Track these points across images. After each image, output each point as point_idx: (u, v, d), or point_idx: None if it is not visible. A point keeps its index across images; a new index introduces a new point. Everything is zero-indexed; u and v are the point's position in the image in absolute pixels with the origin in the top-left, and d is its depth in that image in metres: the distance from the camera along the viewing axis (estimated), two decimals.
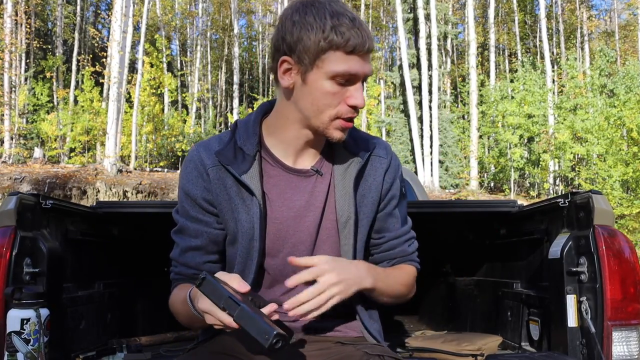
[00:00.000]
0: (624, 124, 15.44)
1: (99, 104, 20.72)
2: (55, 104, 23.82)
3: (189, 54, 30.94)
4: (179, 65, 30.26)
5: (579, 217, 1.64)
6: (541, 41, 25.20)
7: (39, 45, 24.74)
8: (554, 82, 23.43)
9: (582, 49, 28.79)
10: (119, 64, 16.34)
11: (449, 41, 26.41)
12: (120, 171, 16.33)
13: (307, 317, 1.14)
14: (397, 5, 20.95)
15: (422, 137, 20.09)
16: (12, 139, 19.63)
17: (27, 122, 22.18)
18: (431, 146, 19.87)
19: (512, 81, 22.31)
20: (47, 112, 21.89)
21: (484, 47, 29.10)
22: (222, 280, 1.10)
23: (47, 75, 23.61)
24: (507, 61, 31.32)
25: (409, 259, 1.40)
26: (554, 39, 28.86)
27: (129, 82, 19.27)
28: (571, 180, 20.26)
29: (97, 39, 26.25)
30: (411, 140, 20.40)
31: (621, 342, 1.50)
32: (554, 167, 20.43)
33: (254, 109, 1.58)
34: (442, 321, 2.65)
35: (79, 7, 27.50)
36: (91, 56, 26.00)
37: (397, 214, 1.38)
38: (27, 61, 24.20)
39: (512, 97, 20.59)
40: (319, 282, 1.14)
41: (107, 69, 18.07)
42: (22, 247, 1.51)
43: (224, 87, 31.09)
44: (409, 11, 21.55)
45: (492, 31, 25.01)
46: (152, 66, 21.16)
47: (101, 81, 20.82)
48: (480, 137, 22.08)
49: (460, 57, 30.72)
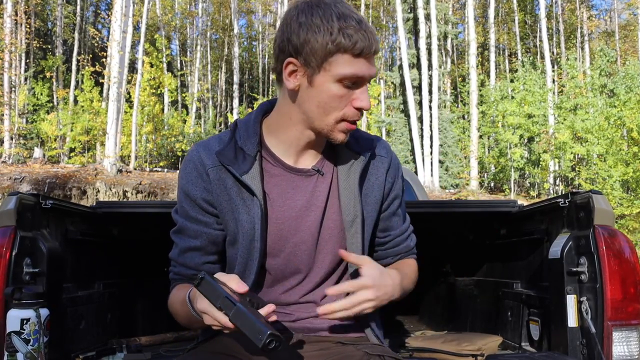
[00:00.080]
0: (624, 124, 15.43)
1: (99, 104, 20.71)
2: (55, 104, 23.82)
3: (189, 53, 30.94)
4: (179, 65, 30.26)
5: (579, 217, 1.64)
6: (541, 41, 25.21)
7: (38, 45, 24.73)
8: (554, 82, 23.43)
9: (582, 49, 28.79)
10: (118, 64, 16.34)
11: (449, 41, 26.41)
12: (120, 171, 16.33)
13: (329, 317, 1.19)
14: (397, 5, 20.95)
15: (422, 137, 20.10)
16: (12, 139, 19.62)
17: (27, 122, 22.17)
18: (431, 146, 19.88)
19: (512, 81, 22.31)
20: (47, 112, 21.88)
21: (484, 47, 29.09)
22: (221, 280, 1.10)
23: (47, 75, 23.60)
24: (507, 61, 31.32)
25: (411, 253, 1.44)
26: (554, 39, 28.86)
27: (129, 82, 19.27)
28: (571, 180, 20.25)
29: (97, 39, 26.22)
30: (411, 140, 20.40)
31: (621, 342, 1.50)
32: (554, 167, 20.42)
33: (254, 109, 1.58)
34: (442, 321, 2.65)
35: (78, 7, 27.49)
36: (91, 56, 26.01)
37: (400, 212, 1.41)
38: (27, 61, 24.19)
39: (512, 97, 20.59)
40: (356, 295, 1.17)
41: (107, 69, 18.07)
42: (22, 247, 1.51)
43: (223, 87, 31.09)
44: (409, 11, 21.54)
45: (492, 31, 25.02)
46: (152, 66, 21.17)
47: (101, 81, 20.82)
48: (480, 137, 22.08)
49: (460, 57, 30.72)
